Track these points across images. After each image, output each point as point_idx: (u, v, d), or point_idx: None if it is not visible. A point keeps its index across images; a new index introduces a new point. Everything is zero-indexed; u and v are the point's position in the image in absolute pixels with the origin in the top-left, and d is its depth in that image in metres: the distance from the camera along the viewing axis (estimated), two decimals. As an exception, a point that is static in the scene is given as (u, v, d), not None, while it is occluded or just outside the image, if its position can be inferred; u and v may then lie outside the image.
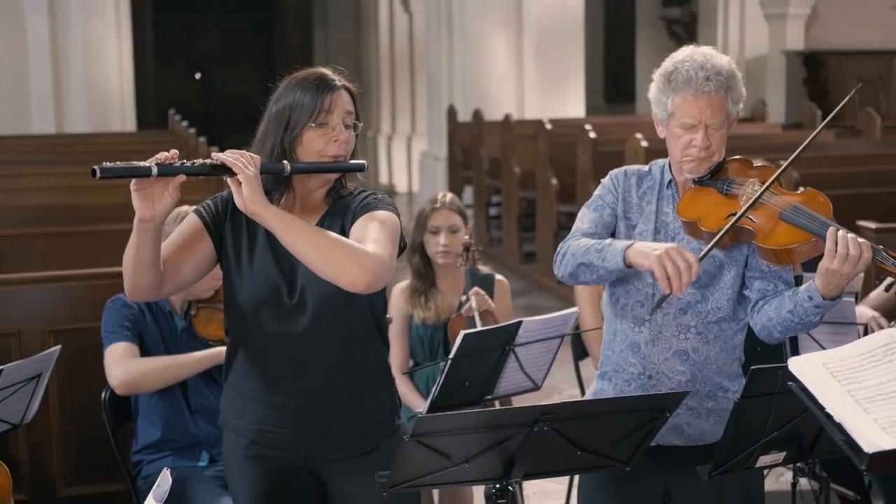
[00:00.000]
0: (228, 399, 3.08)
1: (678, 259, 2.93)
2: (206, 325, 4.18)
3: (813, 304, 2.97)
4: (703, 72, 3.03)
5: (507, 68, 12.61)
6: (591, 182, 8.97)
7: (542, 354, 4.13)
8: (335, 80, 2.95)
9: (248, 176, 2.70)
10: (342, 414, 2.97)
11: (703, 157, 3.09)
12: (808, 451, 2.87)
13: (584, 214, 3.25)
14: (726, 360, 3.21)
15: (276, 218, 2.72)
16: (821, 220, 2.99)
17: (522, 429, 2.46)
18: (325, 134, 2.89)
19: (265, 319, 2.94)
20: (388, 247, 2.83)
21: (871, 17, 13.41)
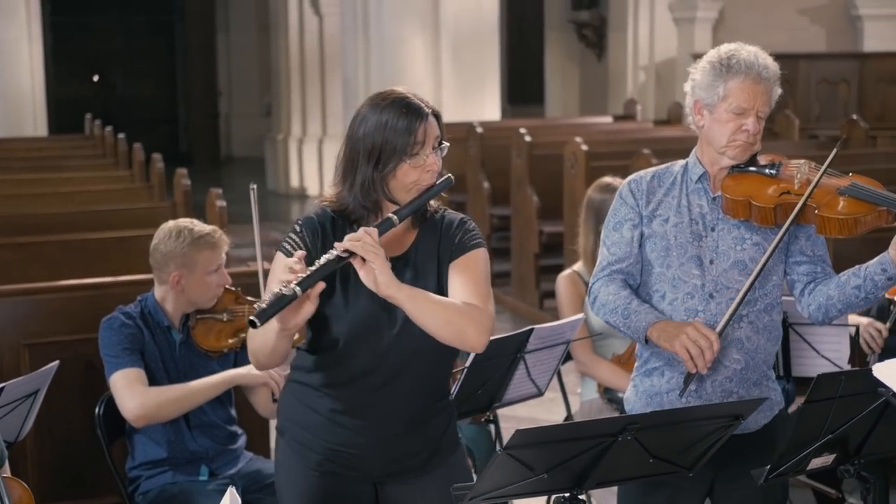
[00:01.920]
0: (292, 410, 3.08)
1: (699, 339, 3.08)
2: (205, 337, 4.13)
3: (886, 276, 3.12)
4: (761, 59, 3.19)
5: (425, 71, 12.62)
6: (527, 186, 9.05)
7: (548, 361, 4.17)
8: (423, 108, 2.92)
9: (381, 262, 2.75)
10: (419, 437, 3.02)
11: (751, 142, 3.20)
12: (854, 452, 2.95)
13: (606, 236, 3.36)
14: (772, 349, 3.35)
15: (409, 298, 2.80)
16: (882, 193, 3.13)
17: (607, 438, 2.49)
18: (419, 164, 2.89)
19: (360, 350, 2.95)
20: (491, 297, 2.96)
21: (776, 21, 13.72)
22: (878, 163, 8.80)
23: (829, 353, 4.39)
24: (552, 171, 8.69)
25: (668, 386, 3.29)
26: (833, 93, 13.48)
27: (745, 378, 3.26)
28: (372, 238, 2.77)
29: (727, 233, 3.24)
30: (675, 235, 3.27)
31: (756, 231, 3.24)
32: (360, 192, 2.91)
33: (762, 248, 3.23)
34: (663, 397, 3.30)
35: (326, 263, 2.77)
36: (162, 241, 4.08)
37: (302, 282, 2.72)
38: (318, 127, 15.96)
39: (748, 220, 3.21)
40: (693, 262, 3.24)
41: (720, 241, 3.25)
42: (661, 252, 3.28)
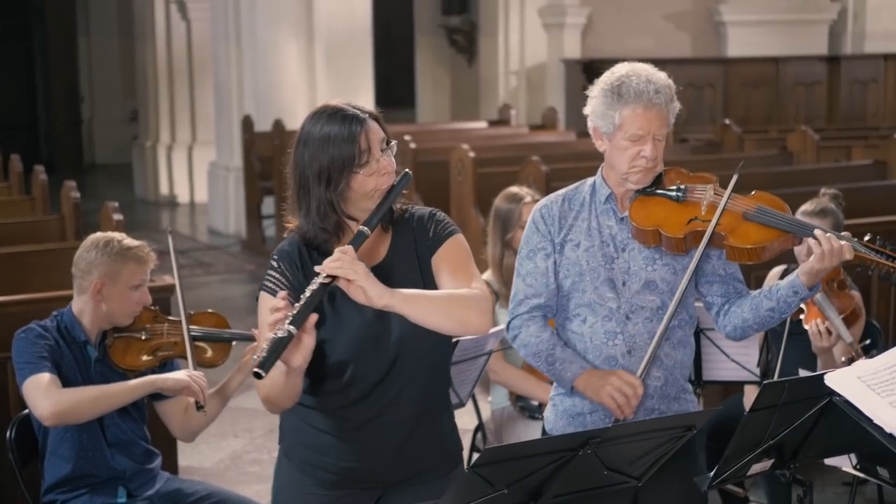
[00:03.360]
0: (300, 433, 3.04)
1: (624, 388, 3.18)
2: (122, 355, 4.05)
3: (798, 298, 3.23)
4: (651, 85, 3.20)
5: (300, 77, 12.56)
6: (412, 193, 9.05)
7: (470, 371, 4.19)
8: (359, 114, 2.89)
9: (365, 276, 2.72)
10: (430, 437, 3.02)
11: (651, 167, 3.23)
12: (791, 457, 3.04)
13: (521, 264, 3.39)
14: (689, 362, 3.41)
15: (405, 301, 2.78)
16: (787, 217, 3.21)
17: (569, 453, 2.52)
18: (372, 171, 2.86)
19: (366, 366, 2.93)
20: (480, 276, 2.96)
21: (643, 26, 14.02)
22: (752, 167, 9.04)
23: (739, 356, 4.51)
24: (438, 177, 8.70)
25: (591, 406, 3.34)
26: (699, 97, 13.83)
27: (665, 394, 3.34)
28: (350, 255, 2.75)
29: (638, 253, 3.29)
30: (588, 260, 3.30)
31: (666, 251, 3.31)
32: (318, 216, 2.88)
33: (672, 268, 3.29)
34: (586, 417, 3.35)
35: (313, 294, 2.74)
36: (88, 249, 4.01)
37: (294, 319, 2.70)
38: (187, 133, 15.72)
39: (659, 247, 3.27)
40: (607, 286, 3.29)
41: (631, 262, 3.30)
42: (575, 277, 3.32)
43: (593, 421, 3.33)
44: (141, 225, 14.23)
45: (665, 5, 14.17)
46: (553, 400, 3.46)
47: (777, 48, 14.06)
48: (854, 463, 3.62)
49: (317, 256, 2.93)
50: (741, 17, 14.08)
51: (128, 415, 4.07)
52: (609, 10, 14.00)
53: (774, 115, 13.87)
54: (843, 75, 14.08)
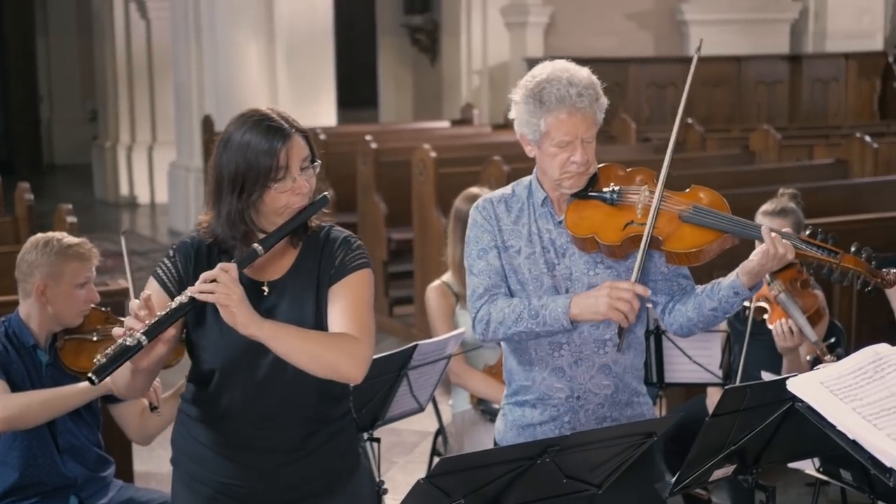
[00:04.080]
0: (183, 442, 2.96)
1: (624, 294, 3.04)
2: (74, 358, 3.96)
3: (740, 299, 3.14)
4: (573, 88, 3.07)
5: (260, 77, 12.45)
6: (374, 193, 8.99)
7: (430, 376, 4.14)
8: (285, 128, 2.78)
9: (235, 302, 2.63)
10: (313, 463, 2.90)
11: (583, 171, 3.15)
12: (753, 462, 3.00)
13: (472, 264, 3.25)
14: (640, 364, 3.33)
15: (272, 336, 2.68)
16: (724, 216, 3.13)
17: (527, 462, 2.47)
18: (286, 189, 2.76)
19: (237, 383, 2.83)
20: (372, 322, 2.84)
21: (605, 25, 14.00)
22: (714, 166, 9.04)
23: (701, 358, 4.47)
24: (399, 177, 8.65)
25: (542, 418, 3.24)
26: (662, 96, 13.84)
27: (617, 401, 3.25)
28: (229, 277, 2.65)
29: (579, 257, 3.20)
30: (530, 268, 3.21)
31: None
32: (227, 222, 2.79)
33: (615, 270, 3.19)
34: (536, 429, 3.25)
35: (178, 307, 2.67)
36: (28, 251, 3.92)
37: (148, 330, 2.62)
38: (148, 133, 15.58)
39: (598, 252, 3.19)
40: (550, 294, 3.18)
41: (573, 268, 3.20)
42: (517, 287, 3.22)
43: (543, 432, 3.23)
44: (101, 226, 14.09)
45: (627, 5, 14.17)
46: (503, 409, 3.37)
47: (739, 47, 14.07)
48: (817, 466, 3.58)
49: (220, 256, 2.86)
50: (703, 17, 14.08)
51: (81, 419, 3.98)
52: (571, 9, 13.97)
53: (736, 115, 13.89)
54: (805, 74, 14.13)
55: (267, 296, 2.85)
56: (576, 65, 3.20)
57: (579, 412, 3.23)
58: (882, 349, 2.47)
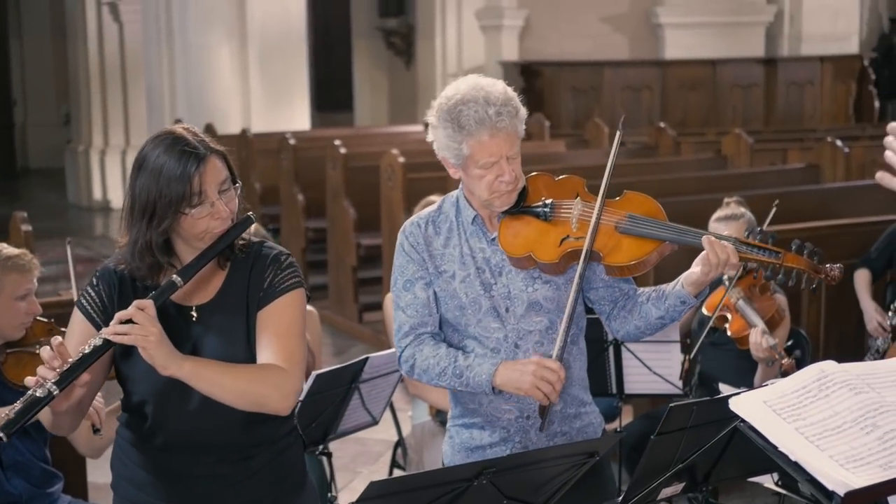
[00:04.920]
0: (122, 466, 2.85)
1: (546, 374, 2.96)
2: (17, 371, 3.86)
3: (687, 307, 3.07)
4: (492, 108, 2.95)
5: (232, 81, 12.38)
6: (343, 198, 8.92)
7: (382, 389, 4.06)
8: (200, 150, 2.65)
9: (153, 344, 2.54)
10: (257, 486, 2.81)
11: (512, 189, 3.04)
12: (703, 479, 2.93)
13: (399, 296, 3.15)
14: (584, 374, 3.26)
15: (193, 374, 2.60)
16: (660, 224, 3.05)
17: (463, 484, 2.39)
18: (203, 213, 2.64)
19: (168, 410, 2.73)
20: (301, 349, 2.74)
21: (580, 29, 13.96)
22: (686, 171, 8.99)
23: (661, 369, 4.41)
24: (369, 182, 8.58)
25: (491, 439, 3.16)
26: (637, 99, 13.80)
27: (565, 415, 3.17)
28: (145, 315, 2.55)
29: (516, 275, 3.10)
30: (466, 292, 3.10)
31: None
32: (136, 253, 2.67)
33: (555, 284, 3.10)
34: (486, 450, 3.18)
35: (92, 351, 2.55)
36: None
37: (59, 380, 2.51)
38: (121, 137, 15.47)
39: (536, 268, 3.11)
40: (490, 316, 3.09)
41: (511, 286, 3.10)
42: (456, 312, 3.12)
43: (494, 453, 3.15)
44: (74, 230, 13.97)
45: (602, 8, 14.11)
46: (449, 432, 3.28)
47: (714, 50, 14.04)
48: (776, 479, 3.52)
49: (140, 286, 2.74)
50: (678, 20, 14.05)
51: (26, 435, 3.89)
52: (546, 12, 13.92)
53: (712, 118, 13.86)
54: (780, 77, 14.11)
55: (196, 321, 2.75)
56: (490, 80, 3.07)
57: (530, 431, 3.16)
58: (827, 367, 2.40)
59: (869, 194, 7.43)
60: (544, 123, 11.41)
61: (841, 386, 2.36)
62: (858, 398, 2.33)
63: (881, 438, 2.24)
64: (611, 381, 4.44)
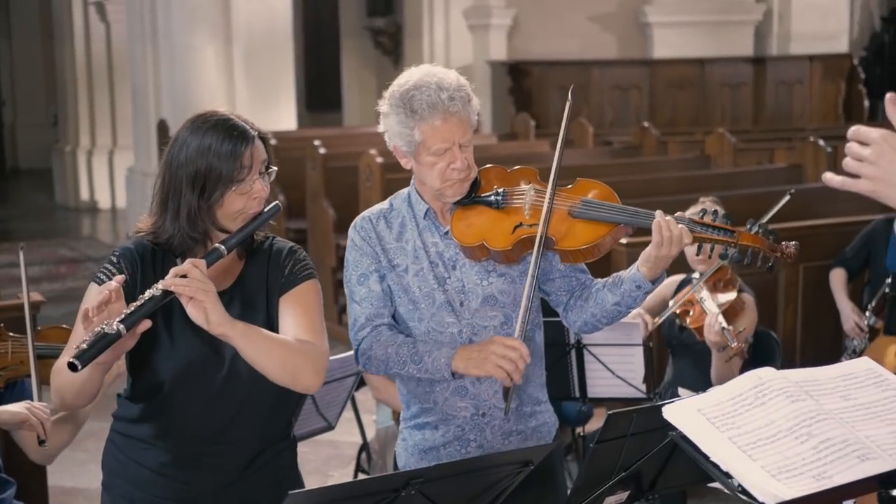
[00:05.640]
0: (118, 464, 2.84)
1: (508, 352, 2.90)
2: None
3: (643, 292, 3.02)
4: (444, 92, 2.95)
5: (218, 81, 12.29)
6: (323, 199, 8.86)
7: (336, 393, 4.00)
8: (248, 130, 2.73)
9: (212, 299, 2.55)
10: (259, 482, 2.82)
11: (464, 177, 3.02)
12: (649, 488, 2.86)
13: (353, 291, 3.10)
14: (540, 372, 3.22)
15: (243, 335, 2.61)
16: (614, 207, 3.01)
17: (390, 494, 2.33)
18: (244, 192, 2.71)
19: (188, 396, 2.74)
20: (325, 331, 2.81)
21: (569, 28, 13.88)
22: (669, 170, 8.94)
23: (624, 372, 4.35)
24: (348, 183, 8.53)
25: (444, 439, 3.11)
26: (625, 99, 13.73)
27: (521, 413, 3.13)
28: (200, 272, 2.58)
29: (470, 268, 3.06)
30: (419, 286, 3.06)
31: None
32: (187, 222, 2.72)
33: (509, 277, 3.07)
34: (440, 451, 3.13)
35: (152, 300, 2.57)
36: None
37: (126, 319, 2.52)
38: (108, 138, 15.40)
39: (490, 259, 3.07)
40: (445, 310, 3.05)
41: (465, 279, 3.06)
42: (410, 306, 3.07)
43: (449, 454, 3.11)
44: (61, 231, 13.93)
45: (591, 7, 14.04)
46: (402, 434, 3.23)
47: (702, 49, 13.97)
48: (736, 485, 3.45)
49: (167, 262, 2.76)
50: (666, 19, 13.98)
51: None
52: (534, 11, 13.84)
53: (701, 117, 13.79)
54: (769, 76, 14.04)
55: None
56: (443, 69, 3.07)
57: (485, 429, 3.11)
58: (765, 374, 2.33)
59: (850, 194, 7.34)
60: (529, 123, 11.35)
61: (778, 393, 2.29)
62: (795, 406, 2.26)
63: (816, 448, 2.17)
64: (574, 384, 4.38)
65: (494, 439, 3.12)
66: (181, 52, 12.18)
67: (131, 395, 2.84)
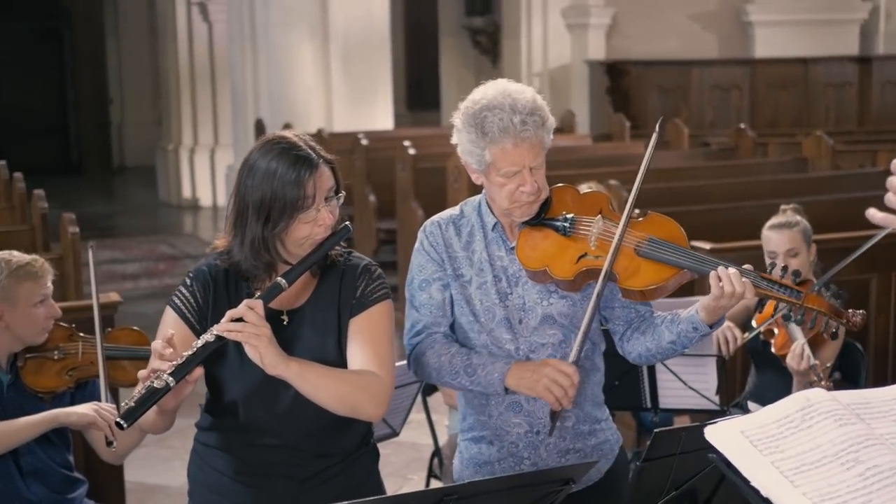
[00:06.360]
0: (199, 471, 2.92)
1: (560, 378, 2.88)
2: (35, 377, 3.87)
3: (699, 335, 2.97)
4: (517, 116, 2.88)
5: (315, 80, 12.38)
6: (412, 199, 8.86)
7: (400, 400, 3.98)
8: (313, 157, 2.74)
9: (264, 342, 2.58)
10: (335, 488, 2.84)
11: (533, 199, 2.97)
12: (703, 506, 2.80)
13: (414, 295, 3.08)
14: (599, 390, 3.18)
15: (298, 375, 2.65)
16: (681, 250, 2.96)
17: (425, 511, 2.30)
18: (309, 220, 2.73)
19: (259, 410, 2.79)
20: (392, 357, 2.84)
21: (668, 27, 13.70)
22: (763, 173, 8.75)
23: (697, 384, 4.26)
24: (437, 183, 8.51)
25: (499, 454, 3.09)
26: (726, 99, 13.49)
27: (578, 432, 3.10)
28: (255, 314, 2.61)
29: (532, 287, 3.03)
30: (481, 300, 3.04)
31: None
32: (251, 251, 2.75)
33: (570, 300, 3.04)
34: (494, 466, 3.11)
35: (204, 346, 2.62)
36: None
37: (176, 371, 2.58)
38: (209, 136, 15.62)
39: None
40: (503, 326, 3.03)
41: (526, 297, 3.04)
42: (470, 318, 3.06)
43: (503, 469, 3.09)
44: (162, 228, 14.16)
45: (691, 5, 13.83)
46: (459, 446, 3.22)
47: (806, 49, 13.66)
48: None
49: (238, 285, 2.82)
50: (769, 17, 13.69)
51: (48, 441, 3.89)
52: (634, 10, 13.68)
53: (803, 118, 13.48)
54: (875, 76, 13.64)
55: (287, 325, 2.82)
56: (520, 86, 3.01)
57: (539, 447, 3.09)
58: (814, 395, 2.24)
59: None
60: (625, 124, 11.23)
61: (825, 416, 2.20)
62: (843, 430, 2.17)
63: (862, 475, 2.08)
64: (645, 394, 4.30)
65: (550, 458, 3.09)
66: (278, 51, 12.29)
67: (208, 407, 2.91)
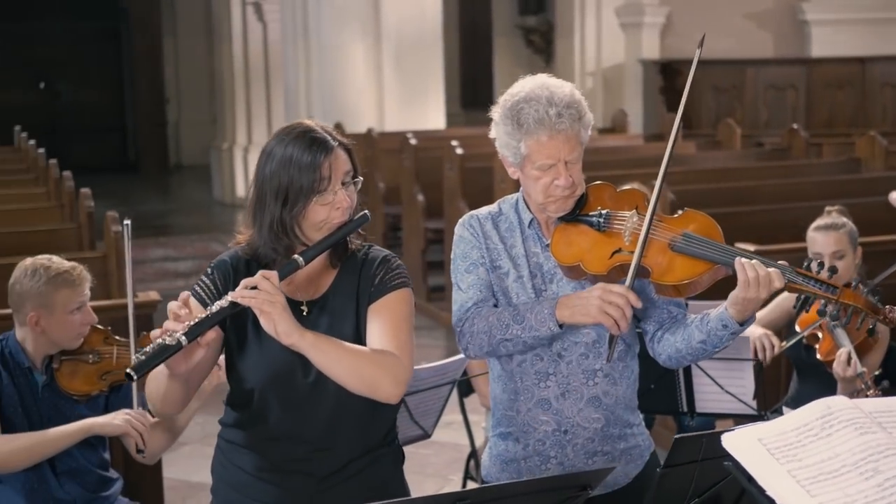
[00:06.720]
0: (221, 469, 2.91)
1: (616, 299, 2.83)
2: (70, 380, 3.90)
3: (729, 332, 2.91)
4: (553, 108, 2.87)
5: (367, 79, 12.40)
6: (459, 199, 8.84)
7: (432, 402, 3.97)
8: (329, 140, 2.76)
9: (278, 309, 2.58)
10: (356, 488, 2.83)
11: (568, 194, 2.95)
12: (728, 514, 2.75)
13: (460, 280, 3.05)
14: (632, 395, 3.14)
15: (312, 345, 2.63)
16: (715, 245, 2.91)
17: (438, 515, 2.28)
18: (326, 202, 2.74)
19: (277, 400, 2.78)
20: (412, 342, 2.80)
21: (723, 26, 13.55)
22: (815, 174, 8.63)
23: (734, 388, 4.20)
24: (484, 183, 8.49)
25: (526, 452, 3.06)
26: (781, 99, 13.36)
27: (608, 434, 3.06)
28: (270, 283, 2.61)
29: (567, 283, 3.01)
30: (517, 293, 3.01)
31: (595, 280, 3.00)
32: (269, 234, 2.76)
33: None
34: (521, 464, 3.08)
35: (219, 311, 2.62)
36: (18, 280, 3.86)
37: (189, 331, 2.57)
38: (263, 135, 15.65)
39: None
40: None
41: (560, 294, 3.00)
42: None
43: (529, 468, 3.06)
44: (216, 227, 14.24)
45: (747, 4, 13.70)
46: (489, 442, 3.21)
47: (863, 48, 13.47)
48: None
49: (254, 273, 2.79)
50: (825, 16, 13.52)
51: (84, 442, 3.92)
52: (688, 9, 13.56)
53: (860, 118, 13.30)
54: (935, 76, 13.46)
55: (306, 315, 2.81)
56: (560, 81, 2.99)
57: (567, 447, 3.05)
58: (835, 403, 2.19)
59: None
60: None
61: (846, 425, 2.16)
62: (863, 439, 2.13)
63: (881, 485, 2.04)
64: (681, 399, 4.25)
65: (577, 458, 3.05)
66: (331, 50, 12.33)
67: (229, 401, 2.90)
